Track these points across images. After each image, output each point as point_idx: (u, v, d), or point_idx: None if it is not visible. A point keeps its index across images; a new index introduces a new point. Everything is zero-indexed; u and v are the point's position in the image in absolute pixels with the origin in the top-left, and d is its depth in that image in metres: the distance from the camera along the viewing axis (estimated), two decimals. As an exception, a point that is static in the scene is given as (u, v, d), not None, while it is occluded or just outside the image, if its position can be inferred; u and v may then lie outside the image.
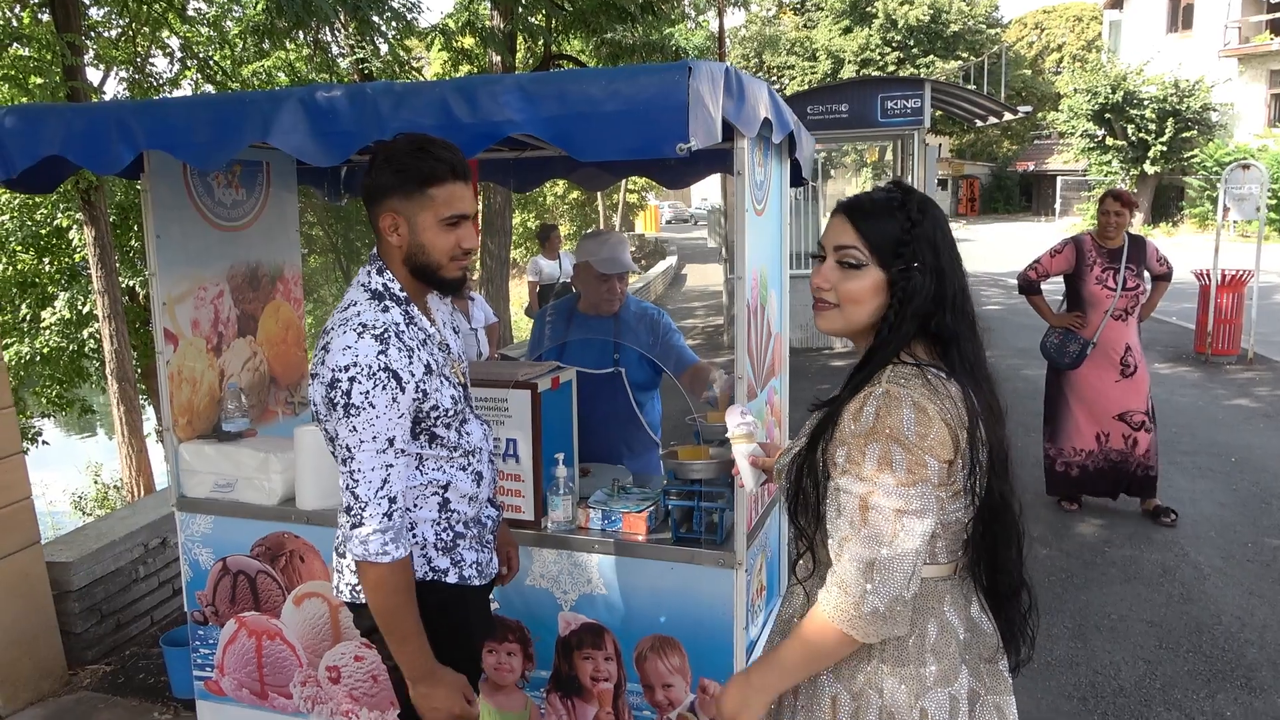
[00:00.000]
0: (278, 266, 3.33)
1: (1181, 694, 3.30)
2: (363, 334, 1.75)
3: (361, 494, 1.75)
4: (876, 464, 1.35)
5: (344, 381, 1.72)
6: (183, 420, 2.93)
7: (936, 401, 1.38)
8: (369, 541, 1.75)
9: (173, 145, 2.19)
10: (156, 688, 3.46)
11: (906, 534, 1.35)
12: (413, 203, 1.78)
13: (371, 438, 1.74)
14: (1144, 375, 4.88)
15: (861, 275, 1.46)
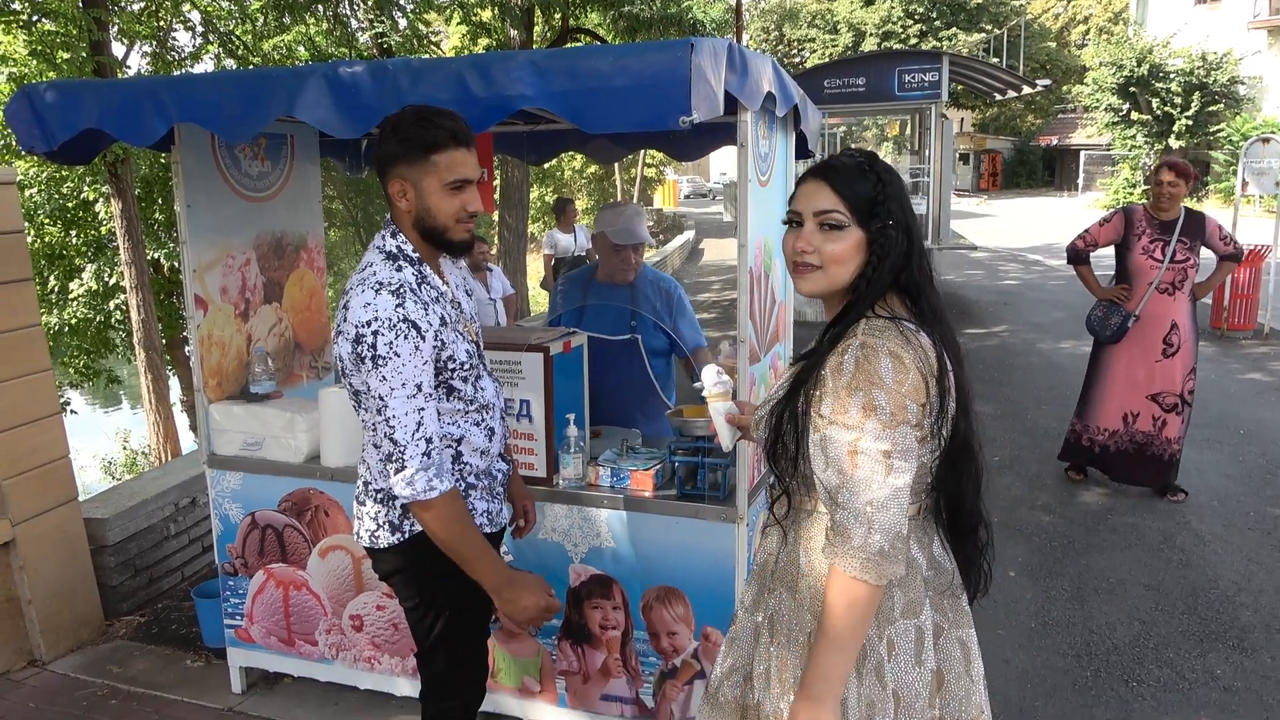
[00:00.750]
0: (301, 236, 3.46)
1: (1174, 653, 3.40)
2: (380, 290, 1.88)
3: (400, 438, 1.87)
4: (861, 411, 1.44)
5: (368, 335, 1.85)
6: (213, 382, 3.07)
7: (910, 351, 1.48)
8: (415, 481, 1.88)
9: (204, 118, 2.31)
10: (188, 638, 3.64)
11: (896, 473, 1.45)
12: (417, 169, 1.90)
13: (401, 384, 1.87)
14: (1188, 355, 4.70)
15: (844, 236, 1.54)
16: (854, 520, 1.44)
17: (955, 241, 10.95)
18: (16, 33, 7.58)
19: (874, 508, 1.44)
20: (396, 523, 2.09)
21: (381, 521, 2.10)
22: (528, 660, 2.78)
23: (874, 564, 1.44)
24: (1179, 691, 3.16)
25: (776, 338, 2.88)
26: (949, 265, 13.43)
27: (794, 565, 1.63)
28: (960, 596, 1.64)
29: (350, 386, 1.99)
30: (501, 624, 2.76)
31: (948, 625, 1.59)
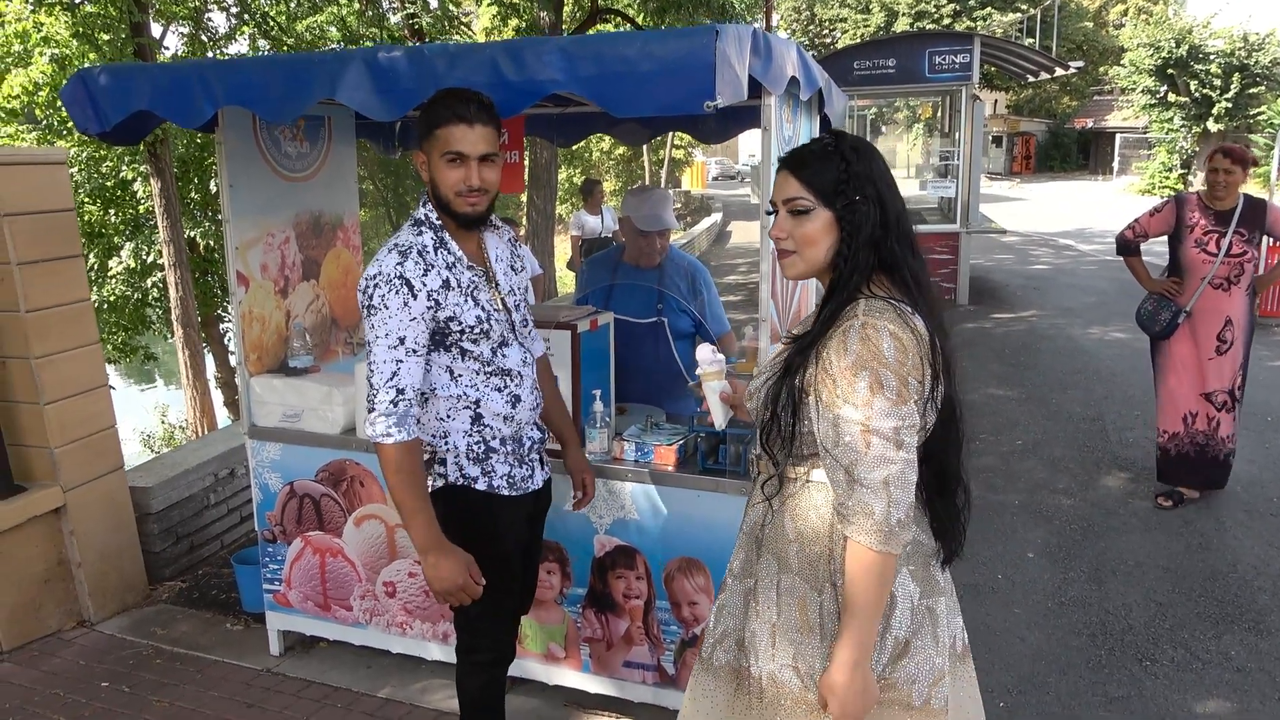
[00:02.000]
0: (338, 215, 3.56)
1: (1189, 634, 3.44)
2: (391, 250, 2.08)
3: (375, 382, 2.04)
4: (869, 389, 1.51)
5: (369, 288, 2.05)
6: (254, 356, 3.19)
7: (907, 331, 1.54)
8: (375, 424, 2.04)
9: (250, 100, 2.41)
10: (228, 603, 3.79)
11: (906, 448, 1.52)
12: (428, 144, 2.08)
13: (385, 334, 2.03)
14: (1240, 351, 4.46)
15: (811, 218, 1.63)
16: (873, 496, 1.51)
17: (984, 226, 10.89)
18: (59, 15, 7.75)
19: (891, 483, 1.51)
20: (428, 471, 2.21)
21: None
22: (553, 627, 2.88)
23: (894, 535, 1.52)
24: (1192, 671, 3.21)
25: (799, 319, 2.95)
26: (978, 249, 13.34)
27: (781, 533, 1.70)
28: (934, 565, 1.69)
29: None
30: (529, 591, 2.86)
31: (919, 595, 1.65)
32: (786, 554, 1.69)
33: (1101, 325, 9.24)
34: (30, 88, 7.76)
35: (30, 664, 3.30)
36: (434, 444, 2.21)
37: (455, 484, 2.22)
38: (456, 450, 2.21)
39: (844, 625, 1.58)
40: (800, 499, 1.68)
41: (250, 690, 3.10)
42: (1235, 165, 4.31)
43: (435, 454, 2.21)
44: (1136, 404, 6.47)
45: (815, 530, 1.65)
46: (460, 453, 2.22)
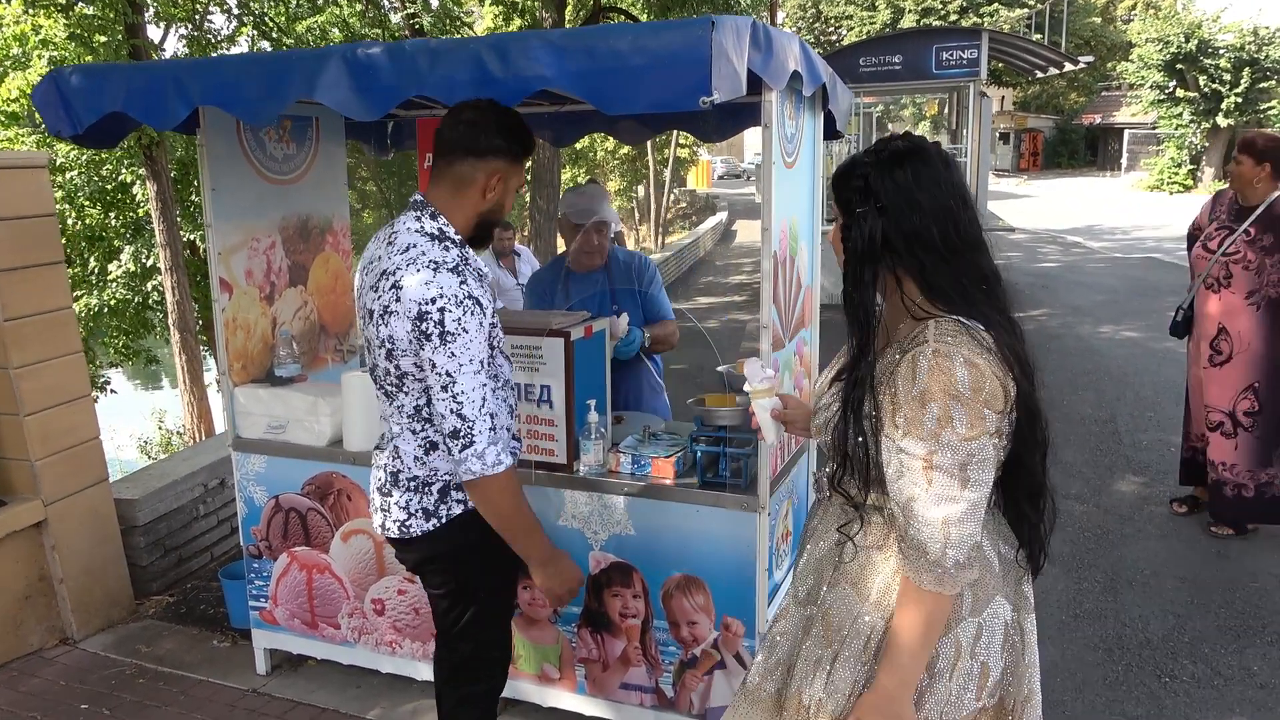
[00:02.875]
0: (327, 219, 3.46)
1: (1209, 648, 3.32)
2: (438, 269, 1.90)
3: (468, 414, 1.90)
4: (937, 422, 1.40)
5: (434, 312, 1.86)
6: (238, 365, 3.08)
7: (983, 355, 1.43)
8: (485, 455, 1.91)
9: (225, 101, 2.30)
10: (215, 618, 3.68)
11: (973, 487, 1.42)
12: (513, 169, 2.02)
13: (469, 360, 1.89)
14: (1245, 369, 4.04)
15: (835, 229, 1.60)
16: (929, 535, 1.42)
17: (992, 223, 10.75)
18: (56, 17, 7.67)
19: (950, 524, 1.41)
20: (431, 509, 2.09)
21: (414, 510, 2.09)
22: (547, 647, 2.77)
23: (949, 577, 1.43)
24: (1214, 688, 3.08)
25: (802, 323, 2.83)
26: (986, 247, 13.19)
27: (868, 566, 1.60)
28: (1023, 582, 1.62)
29: (397, 368, 1.98)
30: (523, 609, 2.75)
31: (1013, 613, 1.57)
32: (866, 585, 1.59)
33: (1113, 324, 9.10)
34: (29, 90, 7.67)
35: (9, 684, 3.20)
36: (450, 472, 2.09)
37: (473, 510, 2.08)
38: None
39: (885, 660, 1.51)
40: (891, 535, 1.58)
41: (235, 711, 3.00)
42: (1243, 154, 3.96)
43: (450, 482, 2.09)
44: (1149, 405, 6.33)
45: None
46: None
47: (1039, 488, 1.58)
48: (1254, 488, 4.12)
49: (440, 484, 2.08)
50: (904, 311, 1.53)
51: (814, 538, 1.72)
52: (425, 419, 2.04)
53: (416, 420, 2.05)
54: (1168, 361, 7.46)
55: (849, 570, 1.61)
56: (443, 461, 2.08)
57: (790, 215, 2.59)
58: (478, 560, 2.12)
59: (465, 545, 2.11)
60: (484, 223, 2.06)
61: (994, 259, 1.56)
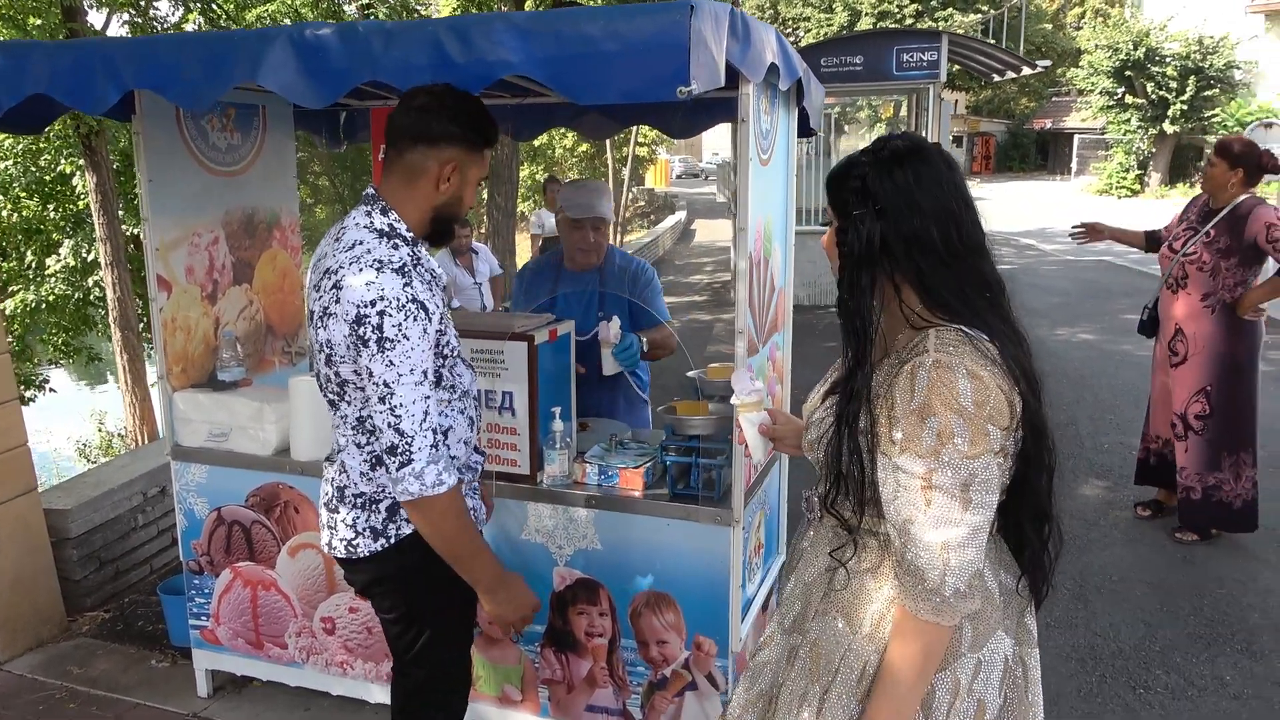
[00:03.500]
0: (274, 213, 3.27)
1: (1181, 657, 3.28)
2: (382, 269, 1.74)
3: (406, 428, 1.73)
4: (937, 438, 1.30)
5: (372, 316, 1.70)
6: (177, 369, 2.89)
7: (988, 367, 1.33)
8: (424, 475, 1.75)
9: (160, 84, 2.12)
10: (155, 635, 3.47)
11: (975, 509, 1.31)
12: (471, 159, 1.86)
13: (409, 370, 1.73)
14: (1198, 372, 4.02)
15: (830, 233, 1.49)
16: (927, 561, 1.31)
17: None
18: (-12, -2, 7.31)
19: (949, 549, 1.30)
20: (380, 528, 1.94)
21: (361, 528, 1.94)
22: (509, 668, 2.62)
23: (947, 606, 1.32)
24: (1188, 699, 3.04)
25: (775, 326, 2.72)
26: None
27: (861, 594, 1.48)
28: (1026, 614, 1.51)
29: (336, 375, 1.83)
30: (483, 629, 2.61)
31: (1014, 648, 1.47)
32: (860, 617, 1.47)
33: (1068, 327, 9.17)
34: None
35: (-75, 711, 2.98)
36: None
37: None
38: None
39: (875, 693, 1.40)
40: (886, 560, 1.46)
41: (173, 738, 2.81)
42: (1215, 156, 3.94)
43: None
44: (1108, 408, 6.36)
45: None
46: None
47: (1044, 511, 1.48)
48: (1201, 491, 4.11)
49: (389, 501, 1.93)
50: (902, 320, 1.42)
51: (803, 562, 1.61)
52: (369, 430, 1.89)
53: (361, 432, 1.90)
54: (1125, 364, 7.52)
55: (840, 599, 1.49)
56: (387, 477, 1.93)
57: (765, 215, 2.48)
58: (430, 581, 1.98)
59: (416, 566, 1.96)
60: (440, 218, 1.90)
61: (996, 265, 1.46)
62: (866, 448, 1.40)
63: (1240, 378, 4.03)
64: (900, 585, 1.36)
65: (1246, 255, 3.90)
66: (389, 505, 1.93)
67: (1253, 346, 4.02)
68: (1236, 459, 4.07)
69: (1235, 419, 4.05)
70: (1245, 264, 3.92)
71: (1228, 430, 4.04)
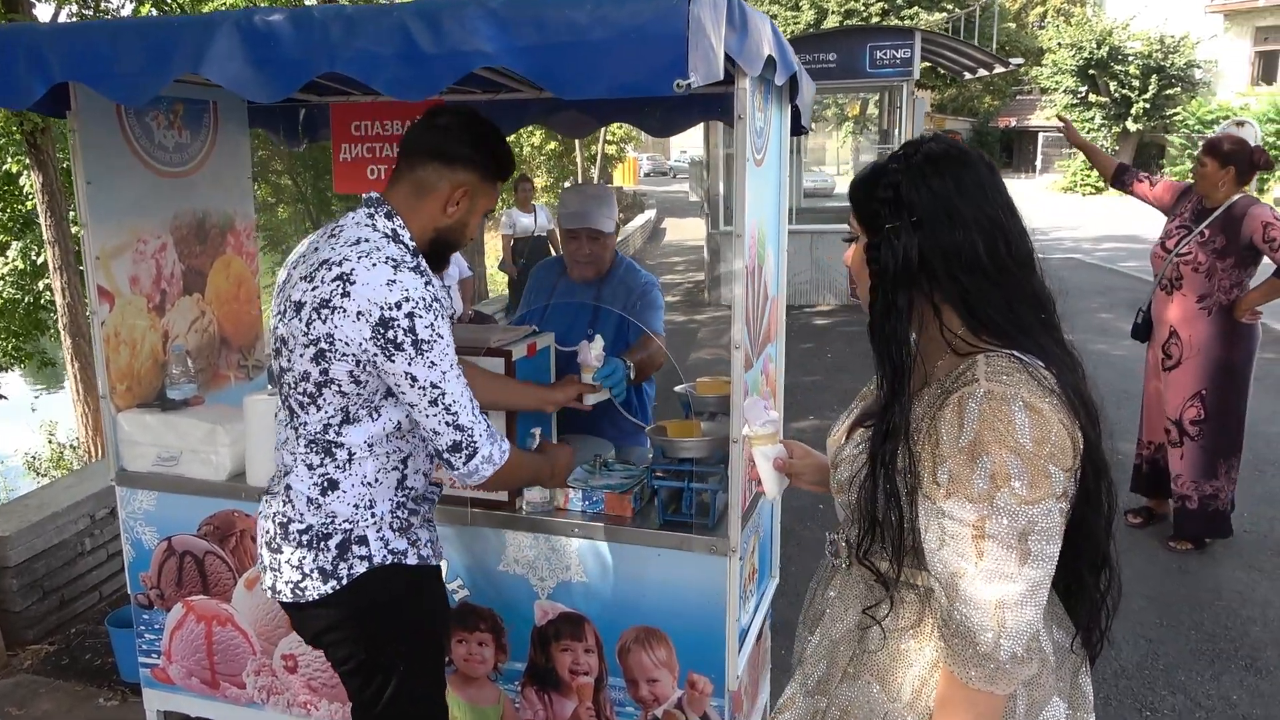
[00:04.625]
0: (228, 217, 3.05)
1: (1185, 676, 3.16)
2: (399, 268, 1.66)
3: (466, 422, 1.71)
4: (990, 481, 1.13)
5: (400, 319, 1.62)
6: (121, 386, 2.67)
7: (1046, 398, 1.16)
8: (493, 457, 1.75)
9: (92, 76, 1.90)
10: (103, 669, 3.24)
11: (1034, 562, 1.14)
12: (483, 187, 1.82)
13: (450, 366, 1.69)
14: (1190, 376, 3.92)
15: (857, 249, 1.35)
16: (979, 622, 1.14)
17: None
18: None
19: (1005, 608, 1.13)
20: (329, 568, 1.76)
21: (309, 569, 1.76)
22: (487, 708, 2.43)
23: (1002, 673, 1.15)
24: (1196, 721, 2.92)
25: (769, 337, 2.56)
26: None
27: (898, 657, 1.31)
28: (1080, 673, 1.35)
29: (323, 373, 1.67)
30: (457, 666, 2.42)
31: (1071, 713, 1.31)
32: (899, 683, 1.30)
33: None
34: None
35: None
36: (353, 519, 1.77)
37: (384, 564, 1.79)
38: (380, 522, 1.79)
39: None
40: (927, 617, 1.30)
41: (120, 789, 2.59)
42: (1206, 156, 3.81)
43: (352, 533, 1.77)
44: (1090, 410, 6.28)
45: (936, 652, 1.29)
46: (385, 524, 1.80)
47: (1103, 558, 1.32)
48: (1198, 500, 4.02)
49: (340, 536, 1.76)
50: (943, 345, 1.26)
51: (829, 615, 1.43)
52: (326, 449, 1.73)
53: (315, 450, 1.74)
54: (1103, 364, 7.45)
55: (875, 660, 1.32)
56: (341, 505, 1.75)
57: (759, 220, 2.31)
58: (391, 623, 1.81)
59: (373, 608, 1.79)
60: (441, 241, 1.82)
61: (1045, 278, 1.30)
62: (905, 490, 1.24)
63: (1234, 382, 3.93)
64: (947, 648, 1.19)
65: (1243, 256, 3.81)
66: (339, 541, 1.76)
67: (1249, 350, 3.93)
68: (1229, 464, 3.99)
69: (1229, 424, 3.96)
70: (1241, 265, 3.83)
71: (1223, 436, 3.96)
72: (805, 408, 6.48)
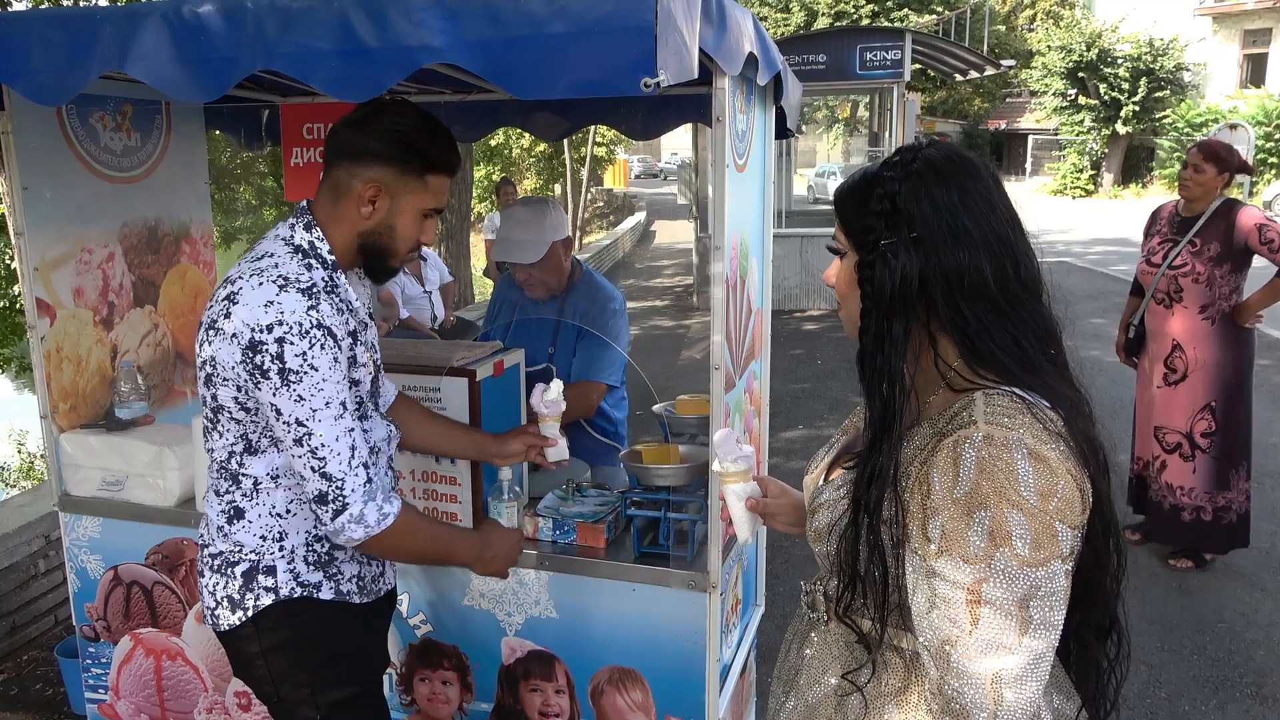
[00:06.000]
0: (182, 225, 2.88)
1: (1189, 705, 3.03)
2: (285, 287, 1.51)
3: (334, 471, 1.51)
4: (989, 539, 0.99)
5: (269, 343, 1.47)
6: (64, 406, 2.50)
7: (1053, 445, 1.02)
8: (365, 518, 1.54)
9: (8, 73, 1.74)
10: (54, 701, 3.08)
11: (1036, 632, 1.00)
12: (405, 184, 1.62)
13: (324, 404, 1.50)
14: (1200, 387, 3.80)
15: (844, 265, 1.20)
16: (974, 698, 1.00)
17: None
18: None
19: (1003, 683, 0.99)
20: (236, 597, 1.64)
21: (220, 596, 1.66)
22: (451, 752, 2.28)
23: None
24: (1203, 754, 2.79)
25: (753, 353, 2.40)
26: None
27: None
28: None
29: (214, 398, 1.55)
30: (420, 706, 2.26)
31: None
32: None
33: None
34: None
35: None
36: (259, 550, 1.63)
37: (291, 597, 1.65)
38: (292, 554, 1.65)
39: None
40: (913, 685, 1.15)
41: (59, 838, 2.42)
42: (1206, 162, 3.69)
43: (259, 563, 1.63)
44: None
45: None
46: (298, 556, 1.65)
47: (1112, 621, 1.18)
48: (1212, 511, 3.90)
49: (245, 564, 1.63)
50: (937, 378, 1.11)
51: (805, 676, 1.28)
52: (233, 476, 1.61)
53: (224, 476, 1.63)
54: (1097, 372, 7.32)
55: None
56: (246, 535, 1.62)
57: (741, 228, 2.16)
58: (302, 663, 1.66)
59: (281, 645, 1.65)
60: (369, 248, 1.65)
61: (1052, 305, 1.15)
62: (891, 542, 1.09)
63: (1241, 389, 3.85)
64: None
65: (1238, 260, 3.73)
66: (245, 570, 1.63)
67: (1250, 356, 3.85)
68: (1240, 473, 3.89)
69: (1238, 433, 3.87)
70: (1237, 270, 3.75)
71: (1234, 445, 3.86)
72: (793, 417, 6.34)
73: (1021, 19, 41.19)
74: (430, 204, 1.66)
